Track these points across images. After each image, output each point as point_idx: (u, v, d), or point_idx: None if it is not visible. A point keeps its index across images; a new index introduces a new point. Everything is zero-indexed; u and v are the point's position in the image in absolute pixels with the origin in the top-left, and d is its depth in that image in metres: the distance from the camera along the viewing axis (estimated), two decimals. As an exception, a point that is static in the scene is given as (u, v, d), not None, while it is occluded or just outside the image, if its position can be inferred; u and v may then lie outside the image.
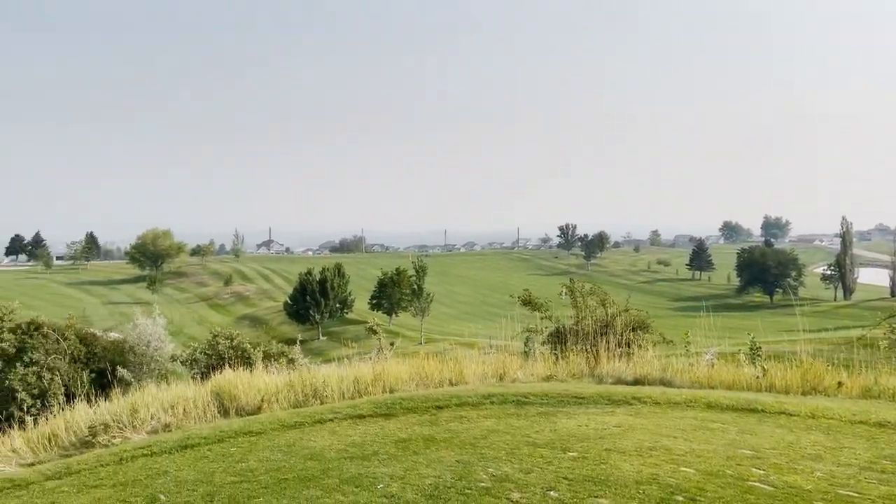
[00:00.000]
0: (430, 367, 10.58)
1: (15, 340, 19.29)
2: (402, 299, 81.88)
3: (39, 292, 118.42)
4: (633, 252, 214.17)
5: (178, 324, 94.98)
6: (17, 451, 8.10)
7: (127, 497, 5.58)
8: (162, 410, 8.78)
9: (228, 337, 20.62)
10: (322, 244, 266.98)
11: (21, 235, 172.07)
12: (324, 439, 7.01)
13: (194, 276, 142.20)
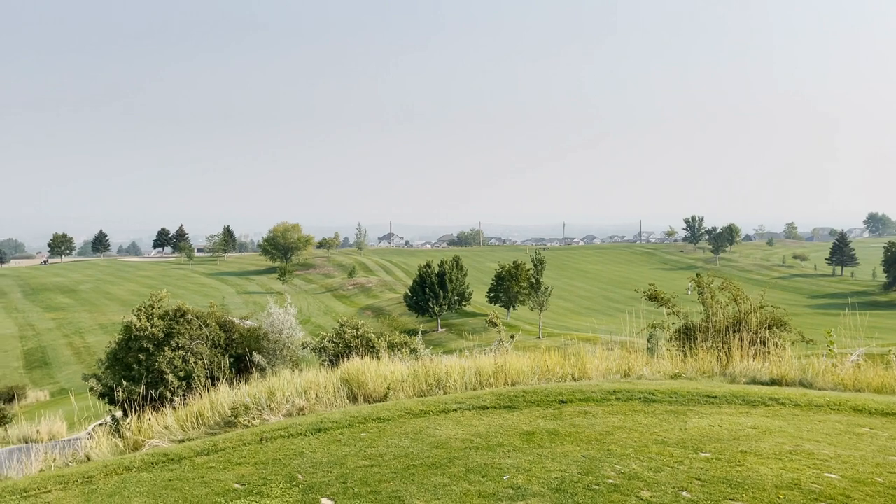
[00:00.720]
0: (552, 362, 10.49)
1: (163, 326, 20.91)
2: (520, 293, 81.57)
3: (182, 282, 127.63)
4: (765, 246, 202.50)
5: (306, 313, 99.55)
6: (168, 428, 8.79)
7: (268, 475, 5.92)
8: (296, 395, 9.23)
9: (354, 326, 21.40)
10: (440, 238, 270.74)
11: (167, 229, 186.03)
12: (449, 429, 7.13)
13: (321, 268, 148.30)
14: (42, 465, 8.02)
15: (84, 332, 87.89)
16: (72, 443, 17.81)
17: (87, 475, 6.19)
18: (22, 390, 52.93)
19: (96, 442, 8.52)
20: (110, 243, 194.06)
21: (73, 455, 8.20)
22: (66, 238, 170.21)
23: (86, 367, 64.98)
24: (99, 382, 22.12)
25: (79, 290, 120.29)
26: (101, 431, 9.27)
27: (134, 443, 8.63)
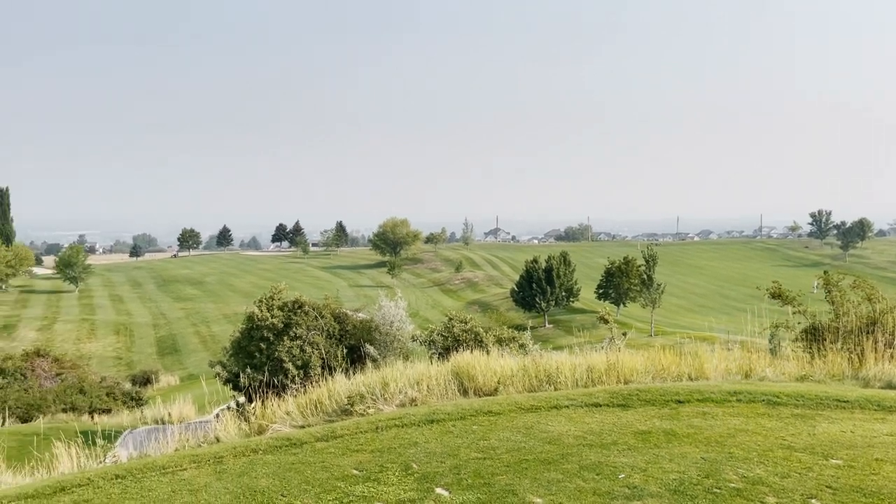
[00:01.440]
0: (667, 360, 10.19)
1: (283, 317, 21.91)
2: (631, 289, 79.50)
3: (298, 275, 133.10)
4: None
5: (415, 306, 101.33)
6: (289, 414, 9.22)
7: (384, 462, 6.10)
8: (408, 386, 9.44)
9: (462, 321, 21.59)
10: (547, 232, 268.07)
11: (284, 225, 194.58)
12: (561, 425, 7.08)
13: (428, 263, 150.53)
14: (177, 444, 8.62)
15: (210, 321, 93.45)
16: (200, 425, 19.00)
17: (218, 455, 6.60)
18: (155, 375, 56.96)
19: (225, 425, 9.06)
20: (233, 238, 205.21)
21: (204, 436, 8.76)
22: (194, 233, 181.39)
23: (211, 354, 69.11)
24: (224, 369, 23.46)
25: (205, 281, 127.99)
26: (228, 415, 9.85)
27: (258, 427, 9.11)
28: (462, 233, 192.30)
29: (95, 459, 8.99)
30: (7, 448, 9.78)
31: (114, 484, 5.93)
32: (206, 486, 5.79)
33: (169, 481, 5.97)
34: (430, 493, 5.32)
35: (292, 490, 5.56)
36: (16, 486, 6.54)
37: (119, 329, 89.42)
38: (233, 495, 5.53)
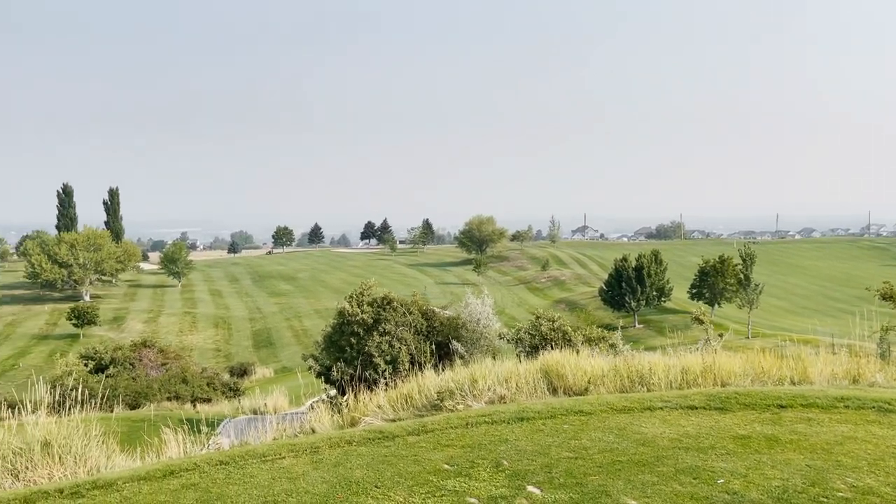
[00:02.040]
0: (768, 363, 9.78)
1: (372, 312, 22.35)
2: (727, 289, 76.54)
3: (386, 272, 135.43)
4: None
5: (500, 304, 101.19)
6: (381, 408, 9.42)
7: (475, 458, 6.14)
8: (497, 383, 9.45)
9: (550, 319, 21.41)
10: (637, 230, 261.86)
11: (372, 222, 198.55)
12: (655, 427, 6.92)
13: (514, 260, 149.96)
14: (275, 434, 8.96)
15: (302, 316, 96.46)
16: (294, 416, 19.64)
17: (315, 445, 6.82)
18: (252, 367, 59.32)
19: (319, 416, 9.35)
20: (324, 235, 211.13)
21: (300, 427, 9.07)
22: (287, 231, 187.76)
23: (303, 347, 71.32)
24: (316, 362, 24.17)
25: (297, 277, 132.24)
26: (322, 407, 10.15)
27: (351, 419, 9.36)
28: (549, 230, 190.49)
29: (199, 446, 9.48)
30: (119, 433, 10.41)
31: (218, 469, 6.23)
32: (304, 474, 6.00)
33: (269, 469, 6.22)
34: (522, 490, 5.31)
35: (386, 482, 5.68)
36: (129, 469, 6.97)
37: (218, 322, 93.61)
38: (329, 484, 5.70)
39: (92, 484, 6.00)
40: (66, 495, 5.80)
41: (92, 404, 10.26)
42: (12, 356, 73.52)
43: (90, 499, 5.71)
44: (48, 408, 8.72)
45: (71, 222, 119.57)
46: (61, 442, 7.55)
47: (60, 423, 7.74)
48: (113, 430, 8.87)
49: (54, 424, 7.65)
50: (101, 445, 7.86)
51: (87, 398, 9.54)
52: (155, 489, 5.83)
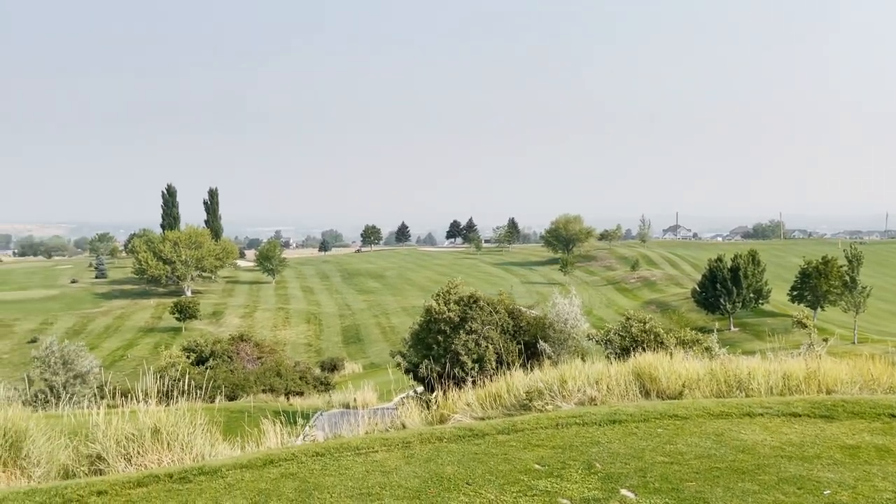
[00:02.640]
0: (878, 370, 9.23)
1: (459, 311, 22.49)
2: (830, 292, 72.51)
3: (471, 270, 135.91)
4: None
5: (588, 305, 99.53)
6: (469, 405, 9.47)
7: (566, 459, 6.10)
8: (587, 384, 9.33)
9: (641, 320, 20.93)
10: (733, 229, 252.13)
11: (458, 221, 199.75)
12: (755, 433, 6.67)
13: (602, 260, 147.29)
14: (367, 428, 9.16)
15: (389, 313, 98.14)
16: (383, 411, 20.03)
17: (406, 441, 6.94)
18: (341, 362, 60.83)
19: (409, 412, 9.50)
20: (410, 234, 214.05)
21: (391, 422, 9.25)
22: (375, 229, 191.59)
23: (391, 344, 72.55)
24: (404, 359, 24.53)
25: (385, 275, 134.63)
26: (412, 403, 10.30)
27: (440, 416, 9.46)
28: (638, 229, 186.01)
29: (294, 437, 9.82)
30: (221, 423, 10.91)
31: (315, 460, 6.44)
32: (397, 468, 6.12)
33: (363, 462, 6.38)
34: (615, 493, 5.24)
35: (477, 479, 5.72)
36: (232, 457, 7.30)
37: (309, 318, 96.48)
38: (421, 479, 5.80)
39: (198, 470, 6.32)
40: (175, 480, 6.13)
41: (195, 395, 10.79)
42: (121, 347, 78.25)
43: (197, 484, 6.01)
44: (156, 397, 9.23)
45: (174, 221, 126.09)
46: (169, 429, 7.99)
47: (168, 412, 8.18)
48: (216, 420, 9.30)
49: (163, 412, 8.09)
50: (206, 434, 8.26)
51: (190, 389, 10.03)
52: (256, 477, 6.08)
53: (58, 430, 8.21)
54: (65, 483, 6.35)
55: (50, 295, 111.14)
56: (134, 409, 8.26)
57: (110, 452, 7.59)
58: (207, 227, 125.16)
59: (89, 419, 8.34)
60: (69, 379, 29.30)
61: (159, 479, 6.14)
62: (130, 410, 8.36)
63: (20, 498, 5.75)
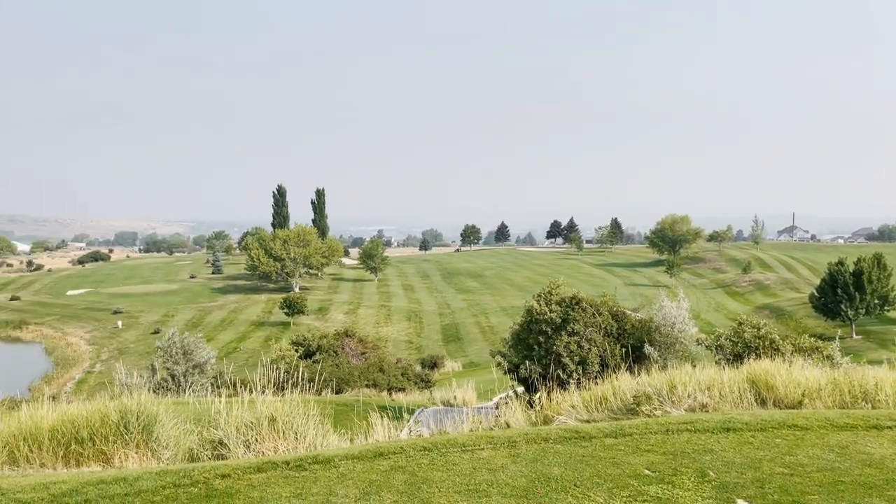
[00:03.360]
0: None
1: (560, 312, 22.26)
2: (968, 299, 66.62)
3: (572, 271, 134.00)
4: None
5: (695, 308, 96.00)
6: (574, 407, 9.39)
7: (677, 466, 5.95)
8: (698, 390, 9.04)
9: (755, 326, 20.02)
10: (856, 231, 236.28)
11: (559, 221, 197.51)
12: (883, 447, 6.27)
13: (711, 262, 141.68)
14: (471, 425, 9.27)
15: (488, 312, 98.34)
16: (485, 410, 20.11)
17: (512, 440, 6.97)
18: (441, 360, 61.50)
19: (514, 412, 9.53)
20: (510, 234, 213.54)
21: (495, 420, 9.31)
22: (475, 229, 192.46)
23: (490, 344, 72.68)
24: (504, 359, 24.53)
25: (484, 275, 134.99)
26: (516, 403, 10.32)
27: (544, 417, 9.43)
28: (751, 231, 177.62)
29: (398, 431, 10.05)
30: (332, 415, 11.32)
31: (423, 455, 6.58)
32: (503, 467, 6.16)
33: (469, 458, 6.46)
34: (731, 503, 5.07)
35: (584, 482, 5.68)
36: (343, 448, 7.57)
37: (410, 316, 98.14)
38: (528, 479, 5.82)
39: (312, 459, 6.61)
40: (292, 467, 6.43)
41: (305, 388, 11.24)
42: (234, 339, 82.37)
43: (311, 472, 6.29)
44: (270, 388, 9.69)
45: (284, 220, 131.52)
46: (284, 419, 8.37)
47: (284, 402, 8.57)
48: (326, 412, 9.66)
49: (279, 403, 8.49)
50: (317, 425, 8.59)
51: (300, 381, 10.45)
52: (367, 468, 6.29)
53: (183, 416, 8.78)
54: (192, 466, 6.80)
55: (171, 289, 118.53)
56: (252, 399, 8.70)
57: (231, 438, 8.03)
58: (314, 226, 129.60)
59: (211, 407, 8.87)
60: (188, 368, 31.19)
61: (277, 466, 6.45)
62: (249, 400, 8.80)
63: (153, 477, 6.19)
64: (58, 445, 7.34)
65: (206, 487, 5.87)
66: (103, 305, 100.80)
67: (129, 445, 7.49)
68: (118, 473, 6.43)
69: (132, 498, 5.67)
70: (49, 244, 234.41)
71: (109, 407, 7.58)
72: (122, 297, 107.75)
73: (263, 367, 10.97)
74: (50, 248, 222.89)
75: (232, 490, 5.82)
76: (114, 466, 7.65)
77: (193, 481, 6.02)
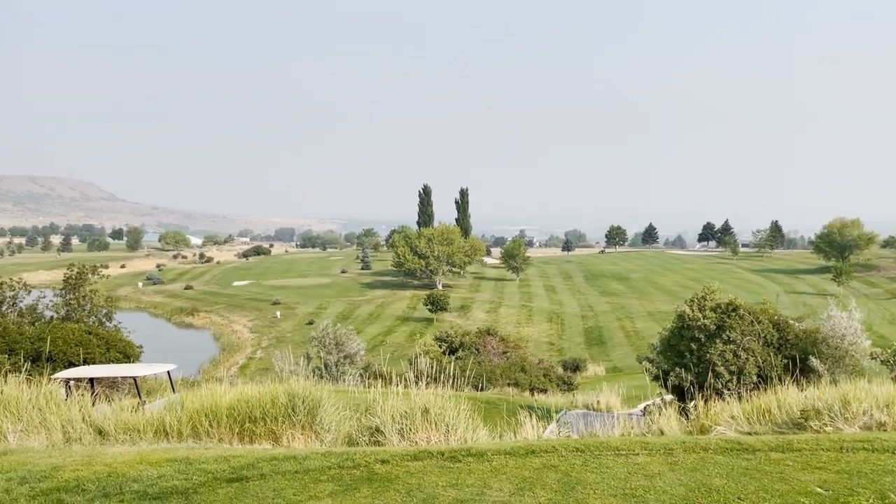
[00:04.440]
0: None
1: (715, 318, 21.23)
2: None
3: (726, 276, 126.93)
4: None
5: (867, 320, 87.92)
6: (734, 418, 8.95)
7: (853, 486, 5.53)
8: (875, 407, 8.34)
9: (942, 341, 18.09)
10: None
11: (712, 224, 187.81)
12: None
13: (887, 270, 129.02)
14: (622, 430, 9.09)
15: (633, 317, 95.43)
16: (633, 416, 19.60)
17: (668, 447, 6.77)
18: (583, 363, 60.49)
19: (667, 419, 9.23)
20: (658, 236, 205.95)
21: (648, 426, 9.07)
22: (621, 230, 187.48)
23: (635, 349, 70.55)
24: (652, 364, 23.75)
25: (629, 277, 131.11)
26: (671, 410, 10.00)
27: (700, 426, 9.06)
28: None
29: (543, 431, 10.03)
30: (480, 410, 11.51)
31: (575, 455, 6.55)
32: (660, 474, 6.01)
33: (623, 463, 6.36)
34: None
35: (749, 495, 5.42)
36: (494, 443, 7.70)
37: (551, 317, 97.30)
38: (687, 488, 5.64)
39: (466, 451, 6.77)
40: (446, 458, 6.62)
41: (452, 383, 11.50)
42: (381, 333, 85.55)
43: (465, 464, 6.45)
44: (424, 380, 10.02)
45: (429, 219, 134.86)
46: (437, 411, 8.63)
47: (436, 395, 8.83)
48: (476, 407, 9.85)
49: (432, 395, 8.76)
50: (468, 419, 8.78)
51: (446, 377, 10.71)
52: (520, 465, 6.36)
53: (341, 403, 9.29)
54: (353, 449, 7.19)
55: (324, 283, 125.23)
56: (407, 391, 9.04)
57: (387, 426, 8.41)
58: (458, 225, 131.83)
59: (367, 395, 9.31)
60: (340, 358, 32.82)
61: (432, 455, 6.68)
62: (404, 392, 9.16)
63: (319, 458, 6.61)
64: (234, 423, 8.03)
65: (368, 471, 6.19)
66: (264, 296, 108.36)
67: (295, 427, 8.05)
68: (288, 452, 6.93)
69: (301, 475, 6.08)
70: (218, 238, 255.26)
71: (279, 390, 8.18)
72: (280, 289, 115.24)
73: (410, 360, 11.35)
74: (218, 242, 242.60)
75: (391, 475, 6.09)
76: (282, 445, 8.26)
77: (356, 464, 6.36)
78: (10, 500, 5.53)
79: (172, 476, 6.02)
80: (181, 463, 6.43)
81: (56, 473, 6.16)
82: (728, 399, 10.42)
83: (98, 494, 5.59)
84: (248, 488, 5.74)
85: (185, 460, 6.51)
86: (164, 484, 5.81)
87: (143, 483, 5.85)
